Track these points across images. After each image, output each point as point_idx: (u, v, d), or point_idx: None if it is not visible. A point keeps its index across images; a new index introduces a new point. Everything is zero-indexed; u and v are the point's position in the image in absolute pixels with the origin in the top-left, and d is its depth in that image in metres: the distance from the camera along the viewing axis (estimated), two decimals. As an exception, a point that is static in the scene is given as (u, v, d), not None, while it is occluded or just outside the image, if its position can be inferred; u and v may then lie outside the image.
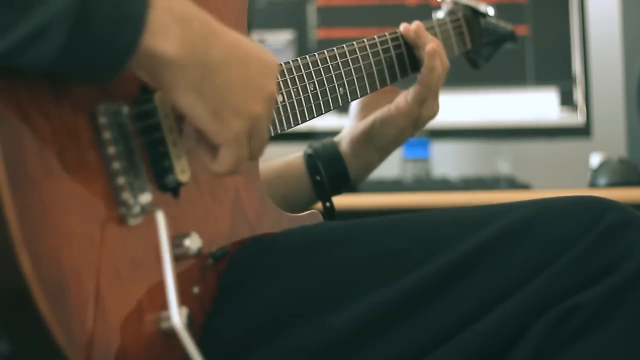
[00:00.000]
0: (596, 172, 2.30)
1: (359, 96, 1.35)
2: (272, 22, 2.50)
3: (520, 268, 1.07)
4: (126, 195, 1.00)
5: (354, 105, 1.48)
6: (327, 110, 1.30)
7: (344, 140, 1.46)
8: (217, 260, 1.10)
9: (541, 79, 2.50)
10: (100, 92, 0.99)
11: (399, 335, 1.07)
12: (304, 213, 1.26)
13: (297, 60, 1.26)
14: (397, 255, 1.10)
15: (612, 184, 2.24)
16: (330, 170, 1.44)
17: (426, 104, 1.41)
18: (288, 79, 1.24)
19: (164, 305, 1.00)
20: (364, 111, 1.48)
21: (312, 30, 2.52)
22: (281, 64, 1.24)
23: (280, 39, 2.51)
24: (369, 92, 1.37)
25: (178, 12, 0.96)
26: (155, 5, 0.94)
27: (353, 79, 1.34)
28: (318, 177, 1.43)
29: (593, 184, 2.28)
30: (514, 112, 2.50)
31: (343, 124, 2.68)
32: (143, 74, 0.98)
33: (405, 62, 1.41)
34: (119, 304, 0.98)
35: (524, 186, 2.35)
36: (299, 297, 1.09)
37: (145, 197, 1.01)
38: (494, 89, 2.48)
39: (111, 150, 0.99)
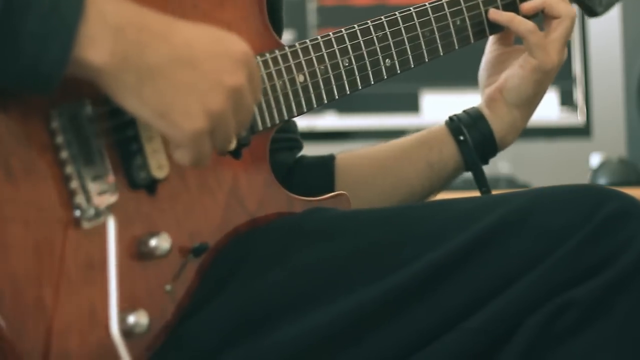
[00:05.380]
0: (596, 172, 2.31)
1: (412, 66, 1.28)
2: (272, 22, 2.50)
3: (514, 262, 1.05)
4: (79, 199, 0.99)
5: (481, 72, 1.42)
6: (366, 85, 1.23)
7: (481, 105, 1.39)
8: (197, 256, 1.09)
9: (541, 79, 2.50)
10: (62, 93, 0.98)
11: (386, 332, 1.05)
12: (326, 196, 1.22)
13: (328, 35, 1.21)
14: (387, 250, 1.08)
15: (612, 184, 2.24)
16: (474, 131, 1.36)
17: (557, 51, 1.33)
18: (314, 57, 1.19)
19: (120, 307, 1.00)
20: (492, 75, 1.40)
21: (312, 30, 2.51)
22: (305, 42, 1.19)
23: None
24: (439, 53, 1.30)
25: (111, 20, 0.95)
26: (88, 14, 0.93)
27: (406, 47, 1.27)
28: (462, 137, 1.36)
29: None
30: (514, 112, 2.49)
31: (343, 124, 2.69)
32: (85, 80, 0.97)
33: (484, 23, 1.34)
34: (68, 307, 0.98)
35: (524, 186, 2.36)
36: (283, 292, 1.07)
37: (106, 199, 1.01)
38: (494, 89, 2.47)
39: (64, 154, 0.99)
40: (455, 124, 1.37)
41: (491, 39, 1.40)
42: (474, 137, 1.37)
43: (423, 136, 1.39)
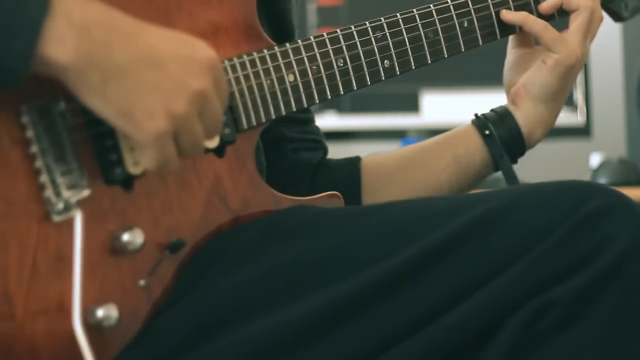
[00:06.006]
0: (596, 172, 2.31)
1: (413, 67, 1.27)
2: (272, 22, 2.51)
3: (493, 259, 1.03)
4: (48, 193, 0.99)
5: (505, 73, 1.41)
6: (362, 86, 1.22)
7: (507, 103, 1.38)
8: (174, 252, 1.08)
9: (541, 79, 2.50)
10: (36, 88, 0.98)
11: (359, 328, 1.04)
12: (318, 196, 1.20)
13: (322, 35, 1.19)
14: (362, 247, 1.07)
15: (612, 184, 2.24)
16: (501, 127, 1.36)
17: (578, 44, 1.37)
18: (305, 57, 1.17)
19: (89, 300, 1.00)
20: (516, 76, 1.39)
21: (312, 30, 2.52)
22: (297, 42, 1.17)
23: (280, 38, 2.51)
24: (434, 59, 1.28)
25: (77, 18, 0.95)
26: (54, 11, 0.94)
27: (407, 49, 1.24)
28: (487, 132, 1.35)
29: (593, 184, 2.28)
30: (514, 112, 2.50)
31: (344, 124, 2.70)
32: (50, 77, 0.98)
33: (495, 24, 1.32)
34: (36, 299, 0.98)
35: (524, 186, 2.35)
36: (257, 288, 1.07)
37: (76, 193, 1.01)
38: (494, 89, 2.47)
39: (34, 148, 0.99)
40: (481, 121, 1.37)
41: (511, 42, 1.40)
42: (501, 134, 1.36)
43: (448, 134, 1.39)
